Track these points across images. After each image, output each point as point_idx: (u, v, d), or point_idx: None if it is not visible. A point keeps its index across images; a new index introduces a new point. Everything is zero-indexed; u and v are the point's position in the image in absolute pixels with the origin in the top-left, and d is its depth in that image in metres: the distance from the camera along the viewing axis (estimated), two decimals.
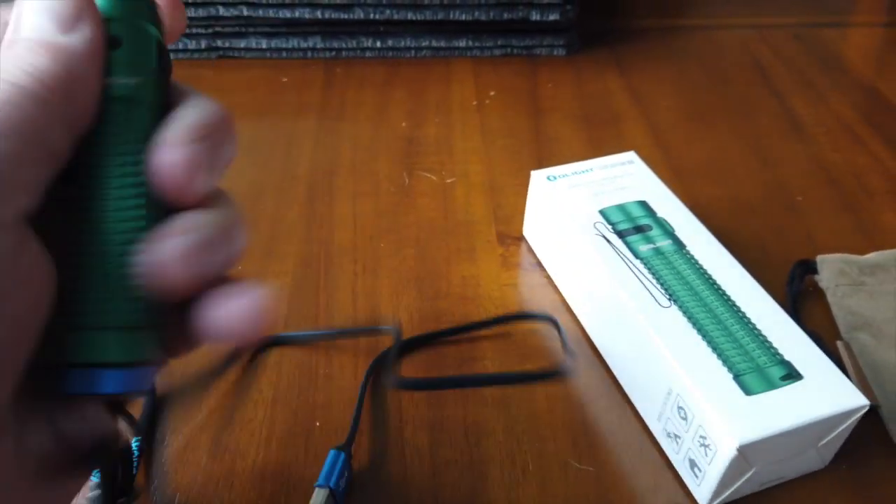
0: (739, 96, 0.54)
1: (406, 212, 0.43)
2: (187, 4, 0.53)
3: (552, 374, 0.34)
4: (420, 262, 0.40)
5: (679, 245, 0.34)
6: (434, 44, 0.56)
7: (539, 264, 0.40)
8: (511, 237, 0.42)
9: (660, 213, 0.36)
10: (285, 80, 0.54)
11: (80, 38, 0.17)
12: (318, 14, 0.54)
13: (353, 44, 0.56)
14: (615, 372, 0.34)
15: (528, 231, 0.41)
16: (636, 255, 0.33)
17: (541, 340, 0.36)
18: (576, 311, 0.37)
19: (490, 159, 0.47)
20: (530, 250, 0.41)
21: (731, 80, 0.56)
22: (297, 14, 0.54)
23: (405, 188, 0.45)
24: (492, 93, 0.54)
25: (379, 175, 0.46)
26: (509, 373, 0.35)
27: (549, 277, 0.39)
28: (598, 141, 0.49)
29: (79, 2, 0.18)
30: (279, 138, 0.49)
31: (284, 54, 0.56)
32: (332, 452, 0.29)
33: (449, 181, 0.45)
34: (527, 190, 0.44)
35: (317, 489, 0.28)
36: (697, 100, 0.53)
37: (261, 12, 0.54)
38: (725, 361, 0.29)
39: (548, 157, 0.47)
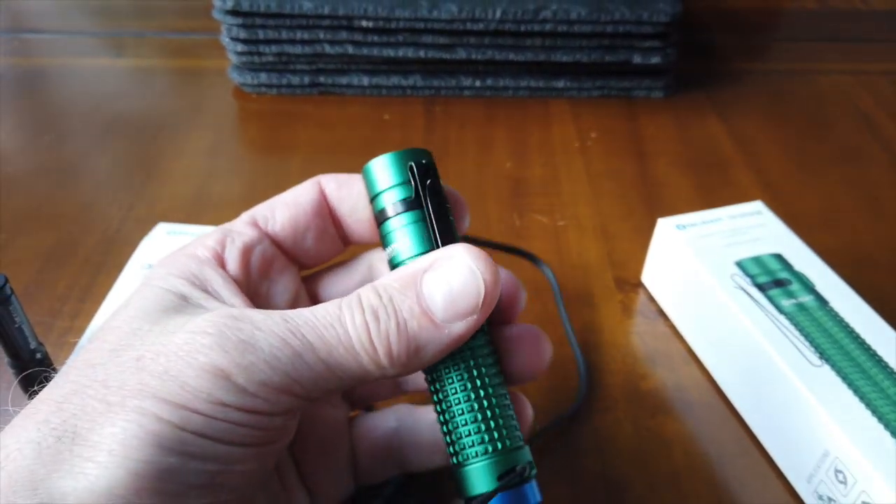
0: (844, 144, 0.53)
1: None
2: (293, 42, 0.54)
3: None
4: (540, 305, 0.40)
5: (821, 300, 0.33)
6: (532, 84, 0.57)
7: (661, 313, 0.39)
8: (629, 283, 0.41)
9: (797, 267, 0.35)
10: (387, 117, 0.55)
11: (455, 330, 0.21)
12: (422, 54, 0.54)
13: (452, 82, 0.57)
14: (753, 427, 0.33)
15: (647, 278, 0.41)
16: (780, 311, 0.33)
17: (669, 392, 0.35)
18: (706, 364, 0.36)
19: (598, 202, 0.47)
20: (651, 298, 0.40)
21: (833, 126, 0.55)
22: (400, 53, 0.54)
23: (517, 230, 0.45)
24: (593, 134, 0.54)
25: (490, 216, 0.46)
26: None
27: (672, 327, 0.39)
28: (706, 187, 0.48)
29: (475, 303, 0.21)
30: None
31: (384, 91, 0.57)
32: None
33: (560, 224, 0.45)
34: (640, 235, 0.44)
35: None
36: (802, 147, 0.53)
37: (365, 51, 0.54)
38: (887, 424, 0.28)
39: (657, 203, 0.47)
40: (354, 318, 0.20)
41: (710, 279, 0.35)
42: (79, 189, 0.48)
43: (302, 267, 0.27)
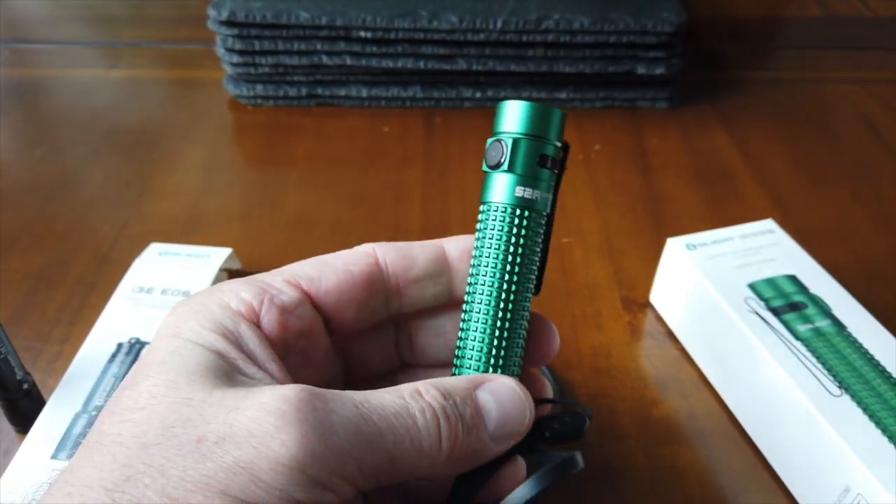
0: (853, 155, 0.52)
1: None
2: (290, 53, 0.53)
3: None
4: None
5: (838, 325, 0.32)
6: (535, 95, 0.55)
7: (670, 335, 0.38)
8: (637, 303, 0.40)
9: (812, 289, 0.34)
10: (386, 129, 0.54)
11: (499, 449, 0.22)
12: (421, 64, 0.53)
13: (452, 93, 0.55)
14: (769, 458, 0.32)
15: (656, 298, 0.40)
16: (796, 336, 0.32)
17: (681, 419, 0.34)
18: (718, 390, 0.35)
19: (604, 218, 0.46)
20: (659, 318, 0.39)
21: (840, 136, 0.54)
22: (399, 64, 0.53)
23: None
24: (597, 146, 0.52)
25: None
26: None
27: (683, 350, 0.37)
28: (713, 201, 0.47)
29: (520, 430, 0.22)
30: (387, 190, 0.48)
31: (384, 103, 0.56)
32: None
33: (565, 241, 0.44)
34: (648, 252, 0.43)
35: None
36: (810, 158, 0.52)
37: (363, 62, 0.53)
38: None
39: (664, 218, 0.46)
40: (425, 413, 0.20)
41: (723, 302, 0.34)
42: (71, 205, 0.46)
43: (330, 333, 0.25)
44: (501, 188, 0.23)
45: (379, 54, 0.53)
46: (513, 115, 0.23)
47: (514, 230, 0.22)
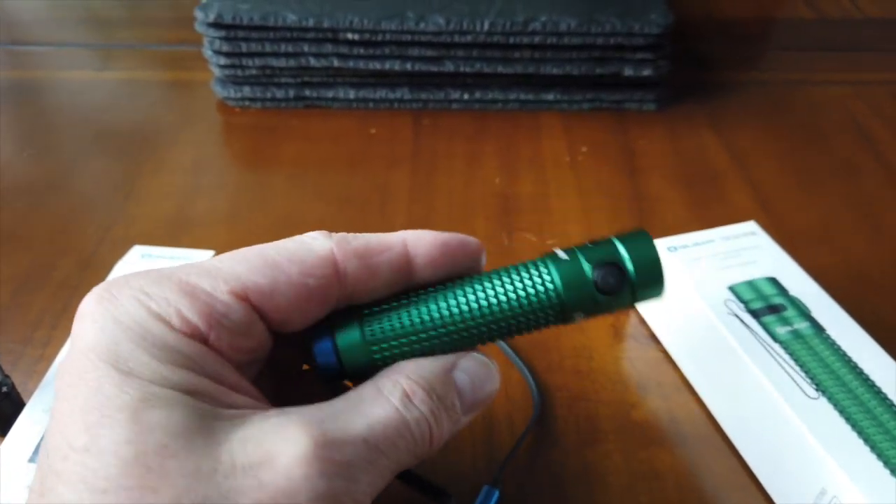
0: (841, 157, 0.52)
1: None
2: (277, 55, 0.53)
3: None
4: None
5: (817, 328, 0.32)
6: (522, 97, 0.55)
7: (653, 337, 0.38)
8: None
9: (792, 291, 0.34)
10: (373, 131, 0.54)
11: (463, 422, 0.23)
12: (409, 66, 0.53)
13: (440, 95, 0.55)
14: (748, 461, 0.32)
15: None
16: (774, 339, 0.32)
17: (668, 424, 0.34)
18: (699, 392, 0.35)
19: (589, 220, 0.46)
20: (642, 321, 0.39)
21: (830, 138, 0.54)
22: (387, 66, 0.53)
23: (506, 249, 0.44)
24: (584, 148, 0.52)
25: (477, 234, 0.44)
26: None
27: (665, 352, 0.37)
28: (699, 203, 0.47)
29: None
30: (374, 192, 0.48)
31: (371, 104, 0.56)
32: (485, 489, 0.29)
33: (550, 243, 0.44)
34: None
35: None
36: (798, 160, 0.52)
37: (351, 64, 0.53)
38: (886, 462, 0.27)
39: (650, 220, 0.46)
40: (420, 424, 0.21)
41: (703, 305, 0.33)
42: (56, 208, 0.46)
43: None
44: (574, 278, 0.23)
45: (366, 56, 0.53)
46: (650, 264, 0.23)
47: (534, 301, 0.22)
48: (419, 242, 0.23)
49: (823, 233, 0.45)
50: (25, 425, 0.31)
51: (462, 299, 0.22)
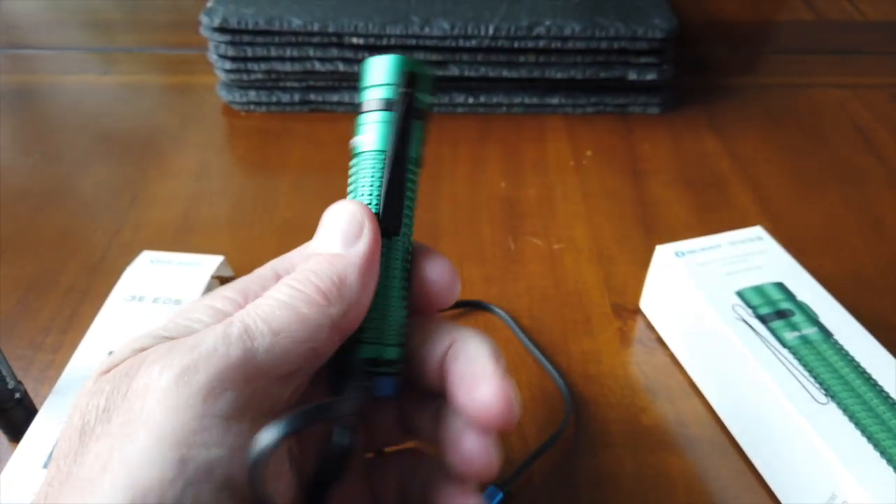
0: (842, 161, 0.53)
1: (515, 279, 0.42)
2: (283, 59, 0.53)
3: None
4: (537, 334, 0.39)
5: (825, 333, 0.33)
6: (527, 100, 0.56)
7: (660, 341, 0.39)
8: (627, 310, 0.40)
9: (799, 296, 0.34)
10: None
11: (357, 250, 0.22)
12: None
13: (445, 99, 0.56)
14: (757, 465, 0.33)
15: (645, 305, 0.40)
16: (783, 344, 0.32)
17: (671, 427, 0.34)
18: (707, 397, 0.35)
19: (594, 224, 0.46)
20: (649, 325, 0.39)
21: (830, 142, 0.54)
22: None
23: (512, 253, 0.44)
24: (588, 152, 0.53)
25: (483, 238, 0.45)
26: None
27: (672, 356, 0.38)
28: (704, 207, 0.48)
29: (359, 222, 0.22)
30: None
31: None
32: (489, 489, 0.29)
33: (556, 247, 0.44)
34: (638, 258, 0.43)
35: None
36: (800, 164, 0.52)
37: (356, 68, 0.53)
38: (895, 466, 0.27)
39: (654, 224, 0.46)
40: (277, 289, 0.21)
41: (711, 310, 0.34)
42: (63, 213, 0.46)
43: None
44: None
45: None
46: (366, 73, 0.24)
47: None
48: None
49: (826, 237, 0.46)
50: (39, 431, 0.31)
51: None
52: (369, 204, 0.23)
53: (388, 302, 0.23)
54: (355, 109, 0.25)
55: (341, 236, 0.22)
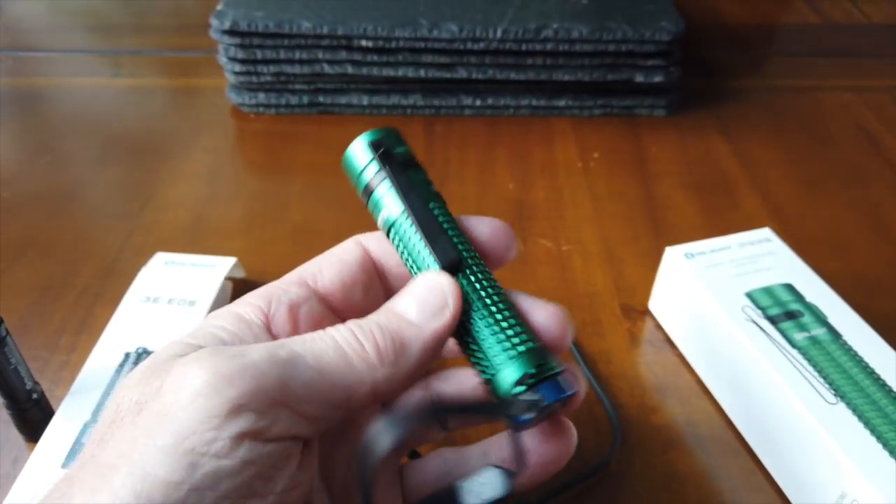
0: (848, 163, 0.53)
1: (526, 280, 0.42)
2: (292, 62, 0.53)
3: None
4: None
5: (834, 334, 0.33)
6: (534, 103, 0.56)
7: (669, 342, 0.39)
8: (636, 311, 0.41)
9: (808, 297, 0.35)
10: None
11: (433, 325, 0.22)
12: (422, 73, 0.54)
13: (453, 101, 0.56)
14: (767, 465, 0.33)
15: (654, 306, 0.40)
16: (792, 345, 0.32)
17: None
18: (717, 397, 0.36)
19: (603, 226, 0.47)
20: (658, 326, 0.40)
21: (837, 144, 0.55)
22: (400, 73, 0.54)
23: (522, 256, 0.44)
24: (595, 154, 0.53)
25: None
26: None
27: (681, 357, 0.38)
28: (711, 209, 0.48)
29: (443, 296, 0.22)
30: None
31: (384, 111, 0.56)
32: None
33: (565, 249, 0.45)
34: (646, 259, 0.43)
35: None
36: (806, 166, 0.52)
37: (365, 70, 0.54)
38: None
39: (663, 226, 0.46)
40: (339, 330, 0.21)
41: (720, 311, 0.34)
42: (75, 216, 0.47)
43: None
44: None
45: (380, 63, 0.54)
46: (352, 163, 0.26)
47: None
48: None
49: (834, 239, 0.46)
50: (57, 431, 0.31)
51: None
52: (424, 260, 0.24)
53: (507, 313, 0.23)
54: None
55: (422, 306, 0.22)
